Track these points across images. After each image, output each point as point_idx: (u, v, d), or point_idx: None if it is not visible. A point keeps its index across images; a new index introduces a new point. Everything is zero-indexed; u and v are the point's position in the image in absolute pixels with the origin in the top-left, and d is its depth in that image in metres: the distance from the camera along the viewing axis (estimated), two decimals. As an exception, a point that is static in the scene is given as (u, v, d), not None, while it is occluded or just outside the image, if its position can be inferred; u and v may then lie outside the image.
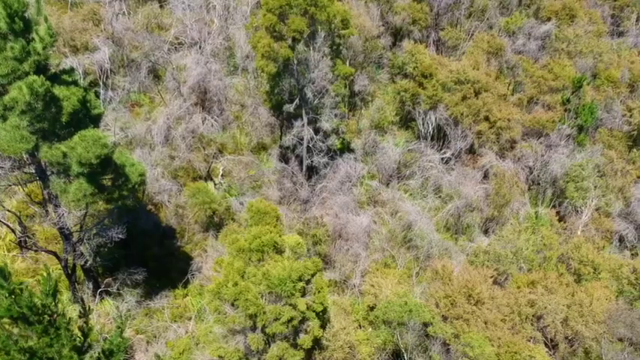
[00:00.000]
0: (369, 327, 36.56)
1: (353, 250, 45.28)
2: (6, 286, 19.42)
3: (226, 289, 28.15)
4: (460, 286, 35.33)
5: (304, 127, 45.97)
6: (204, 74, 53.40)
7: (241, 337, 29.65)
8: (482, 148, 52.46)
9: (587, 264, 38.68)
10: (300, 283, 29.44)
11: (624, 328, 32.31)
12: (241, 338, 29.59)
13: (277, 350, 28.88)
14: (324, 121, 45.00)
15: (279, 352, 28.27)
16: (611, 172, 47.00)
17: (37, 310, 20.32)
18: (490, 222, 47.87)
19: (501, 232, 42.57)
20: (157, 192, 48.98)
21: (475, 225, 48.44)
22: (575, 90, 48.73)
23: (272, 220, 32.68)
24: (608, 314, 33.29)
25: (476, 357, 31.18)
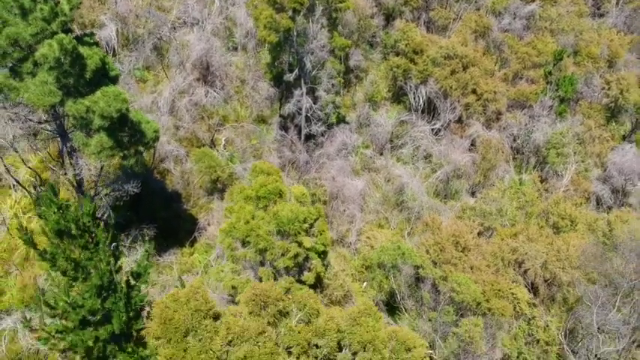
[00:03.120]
0: (365, 272, 39.66)
1: (349, 212, 48.45)
2: (56, 201, 22.38)
3: (238, 226, 31.13)
4: (448, 234, 38.55)
5: (303, 96, 48.95)
6: (206, 50, 56.17)
7: (251, 272, 32.67)
8: (470, 119, 55.70)
9: (565, 217, 42.03)
10: (304, 224, 32.50)
11: (594, 261, 35.66)
12: (251, 273, 32.60)
13: (285, 283, 31.88)
14: (321, 91, 47.93)
15: (286, 285, 31.30)
16: (590, 139, 50.37)
17: (80, 226, 23.30)
18: (477, 187, 51.09)
19: (487, 192, 45.79)
20: (163, 159, 51.90)
21: (463, 190, 51.70)
22: (555, 63, 52.03)
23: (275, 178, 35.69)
24: (580, 252, 36.65)
25: (462, 293, 34.38)
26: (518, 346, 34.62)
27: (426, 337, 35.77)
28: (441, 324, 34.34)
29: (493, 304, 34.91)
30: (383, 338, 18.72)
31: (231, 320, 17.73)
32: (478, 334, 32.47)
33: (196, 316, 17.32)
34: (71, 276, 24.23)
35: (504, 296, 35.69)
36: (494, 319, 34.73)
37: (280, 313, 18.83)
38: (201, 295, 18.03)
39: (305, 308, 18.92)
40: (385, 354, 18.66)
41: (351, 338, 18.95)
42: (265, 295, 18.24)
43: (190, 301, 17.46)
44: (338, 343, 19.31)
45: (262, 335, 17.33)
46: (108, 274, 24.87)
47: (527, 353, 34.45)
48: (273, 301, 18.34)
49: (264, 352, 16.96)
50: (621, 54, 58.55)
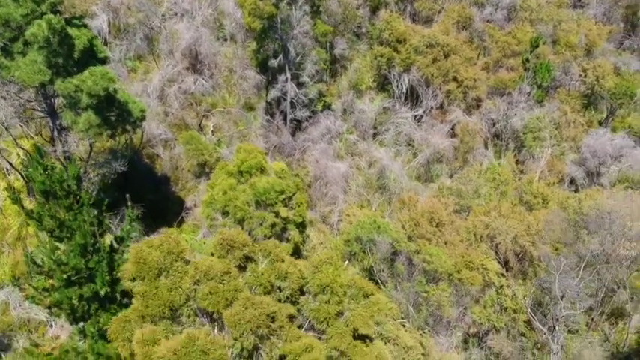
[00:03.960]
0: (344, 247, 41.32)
1: (332, 193, 50.16)
2: (42, 163, 24.02)
3: (218, 198, 32.77)
4: (423, 211, 40.24)
5: (288, 82, 50.65)
6: (195, 39, 57.84)
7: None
8: (451, 105, 57.44)
9: (538, 196, 43.76)
10: (281, 196, 34.12)
11: (558, 231, 37.40)
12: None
13: (262, 252, 33.48)
14: (305, 77, 49.62)
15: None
16: (565, 123, 52.12)
17: (64, 187, 24.94)
18: (457, 170, 52.82)
19: (463, 173, 47.53)
20: (153, 144, 53.61)
21: (443, 173, 53.44)
22: (532, 50, 53.77)
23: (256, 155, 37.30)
24: (545, 223, 38.40)
25: (433, 263, 36.07)
26: (487, 314, 36.29)
27: (400, 307, 37.52)
28: (413, 294, 35.99)
29: (463, 275, 36.59)
30: (341, 282, 20.35)
31: (199, 261, 19.37)
32: (445, 299, 34.15)
33: (168, 258, 18.91)
34: (57, 235, 25.87)
35: (475, 268, 37.36)
36: (464, 288, 36.41)
37: (247, 258, 20.43)
38: (174, 239, 19.64)
39: (270, 255, 20.54)
40: (343, 296, 20.28)
41: (312, 282, 20.59)
42: (232, 239, 19.85)
43: (163, 244, 19.07)
44: (300, 288, 20.93)
45: (227, 275, 18.93)
46: (91, 235, 26.50)
47: (496, 320, 36.12)
48: (239, 246, 19.95)
49: (227, 289, 18.55)
50: (599, 43, 60.30)
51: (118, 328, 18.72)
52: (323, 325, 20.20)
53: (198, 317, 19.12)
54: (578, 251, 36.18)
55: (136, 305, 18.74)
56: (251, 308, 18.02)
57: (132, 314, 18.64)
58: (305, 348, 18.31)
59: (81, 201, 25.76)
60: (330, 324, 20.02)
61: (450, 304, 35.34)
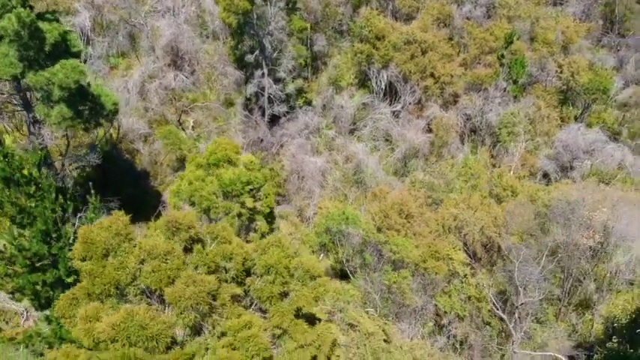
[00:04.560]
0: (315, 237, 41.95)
1: (308, 187, 50.86)
2: (1, 150, 24.65)
3: (184, 188, 33.44)
4: (393, 202, 40.90)
5: (265, 77, 51.32)
6: (176, 35, 58.53)
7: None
8: (429, 101, 58.12)
9: (507, 189, 44.46)
10: (248, 186, 34.79)
11: (521, 221, 38.12)
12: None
13: (228, 242, 34.13)
14: (282, 72, 50.28)
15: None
16: (539, 118, 52.83)
17: (25, 174, 25.57)
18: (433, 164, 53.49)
19: (436, 167, 48.23)
20: (132, 139, 54.27)
21: (418, 168, 54.09)
22: (507, 46, 54.48)
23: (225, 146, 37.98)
24: (507, 212, 39.14)
25: (399, 253, 36.74)
26: (451, 303, 36.95)
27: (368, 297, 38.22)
28: (379, 283, 36.65)
29: (429, 265, 37.26)
30: (286, 264, 21.00)
31: (143, 241, 20.02)
32: (407, 286, 34.82)
33: (116, 239, 19.55)
34: (18, 222, 26.49)
35: (441, 258, 38.03)
36: (430, 277, 37.09)
37: (196, 240, 21.09)
38: (122, 221, 20.26)
39: (217, 238, 21.19)
40: (287, 277, 20.92)
41: (258, 264, 21.23)
42: (177, 221, 20.50)
43: (112, 226, 19.70)
44: (248, 270, 21.55)
45: (170, 254, 19.58)
46: (53, 222, 27.15)
47: (460, 309, 36.79)
48: (185, 228, 20.61)
49: (170, 268, 19.19)
50: (575, 40, 61.01)
51: (65, 306, 19.34)
52: (266, 304, 20.84)
53: (145, 296, 19.75)
54: (540, 241, 36.86)
55: (83, 284, 19.38)
56: (192, 286, 18.65)
57: (78, 292, 19.28)
58: (244, 325, 18.96)
59: (42, 188, 26.37)
60: (272, 303, 20.66)
61: (413, 292, 35.98)
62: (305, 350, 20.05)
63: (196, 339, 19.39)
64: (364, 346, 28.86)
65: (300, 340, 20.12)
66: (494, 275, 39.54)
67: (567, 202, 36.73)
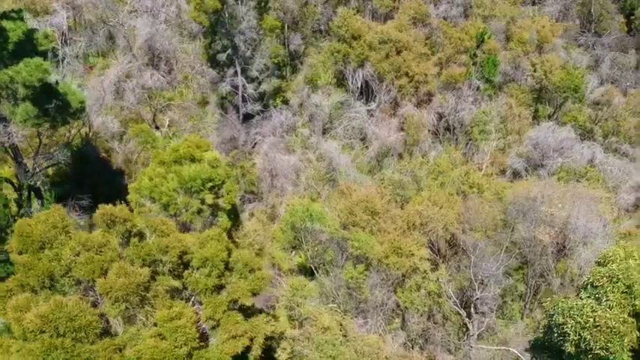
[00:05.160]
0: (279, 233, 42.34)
1: (280, 185, 51.26)
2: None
3: (143, 184, 33.75)
4: (358, 199, 41.30)
5: (238, 76, 51.73)
6: (152, 34, 58.91)
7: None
8: (404, 100, 58.50)
9: (473, 186, 44.88)
10: (209, 183, 35.10)
11: (475, 216, 38.58)
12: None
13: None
14: (254, 70, 50.68)
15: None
16: (511, 116, 53.26)
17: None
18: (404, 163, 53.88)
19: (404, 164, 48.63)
20: (107, 138, 54.69)
21: (392, 166, 54.49)
22: (478, 45, 54.92)
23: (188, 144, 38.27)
24: (464, 208, 39.56)
25: (360, 249, 37.15)
26: (411, 298, 37.33)
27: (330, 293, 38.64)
28: (338, 279, 37.05)
29: (390, 261, 37.67)
30: (223, 257, 21.38)
31: (79, 233, 20.39)
32: (362, 281, 35.25)
33: (52, 232, 19.92)
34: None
35: (403, 254, 38.41)
36: (391, 273, 37.50)
37: (130, 233, 21.47)
38: (59, 214, 20.62)
39: (156, 231, 21.56)
40: (223, 270, 21.30)
41: (195, 257, 21.60)
42: (112, 214, 20.87)
43: (49, 219, 20.07)
44: (187, 262, 21.92)
45: (105, 246, 19.97)
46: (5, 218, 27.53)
47: (419, 304, 37.16)
48: (120, 220, 20.98)
49: (104, 259, 19.58)
50: (550, 39, 61.44)
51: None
52: (201, 296, 21.22)
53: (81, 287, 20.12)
54: (499, 237, 37.27)
55: (17, 276, 19.75)
56: (123, 278, 19.03)
57: (12, 284, 19.65)
58: (174, 316, 19.33)
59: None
60: (207, 295, 21.05)
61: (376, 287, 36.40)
62: (237, 341, 20.44)
63: (129, 329, 19.76)
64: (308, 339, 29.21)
65: (231, 331, 20.53)
66: (454, 271, 39.92)
67: (526, 198, 37.12)
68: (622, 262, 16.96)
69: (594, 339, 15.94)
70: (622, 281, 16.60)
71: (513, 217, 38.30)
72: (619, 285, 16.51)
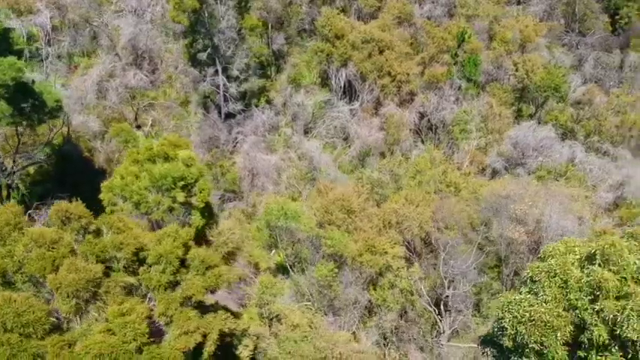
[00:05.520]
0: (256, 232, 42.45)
1: (261, 184, 51.41)
2: None
3: (115, 182, 33.93)
4: (334, 198, 41.41)
5: (219, 75, 51.88)
6: (135, 34, 59.06)
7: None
8: (386, 100, 58.67)
9: (451, 185, 45.02)
10: (181, 182, 35.28)
11: (447, 214, 38.73)
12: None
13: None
14: (235, 70, 50.83)
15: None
16: (491, 116, 53.42)
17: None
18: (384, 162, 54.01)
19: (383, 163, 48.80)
20: (90, 138, 54.82)
21: (374, 164, 54.64)
22: (459, 44, 55.09)
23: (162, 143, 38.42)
24: (436, 207, 39.72)
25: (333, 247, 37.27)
26: (384, 296, 37.44)
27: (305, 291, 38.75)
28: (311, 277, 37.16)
29: (364, 259, 37.80)
30: (177, 254, 21.51)
31: (31, 229, 20.53)
32: (332, 278, 35.40)
33: (6, 229, 20.05)
34: None
35: (377, 252, 38.53)
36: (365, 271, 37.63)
37: (86, 230, 21.60)
38: (13, 211, 20.74)
39: (112, 228, 21.69)
40: (177, 266, 21.44)
41: (150, 253, 21.74)
42: (66, 210, 20.98)
43: (2, 216, 20.19)
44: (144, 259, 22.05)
45: (57, 243, 20.09)
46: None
47: (392, 302, 37.26)
48: (75, 217, 21.11)
49: (57, 255, 19.70)
50: (533, 39, 61.64)
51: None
52: (154, 292, 21.36)
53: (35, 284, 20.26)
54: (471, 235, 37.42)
55: (-32, 273, 19.87)
56: (74, 274, 19.15)
57: (-37, 281, 19.79)
58: (126, 311, 19.45)
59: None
60: (160, 291, 21.18)
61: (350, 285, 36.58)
62: (189, 337, 20.57)
63: (81, 325, 19.90)
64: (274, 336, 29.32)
65: (183, 327, 20.66)
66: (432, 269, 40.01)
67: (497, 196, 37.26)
68: (560, 257, 17.08)
69: (529, 333, 16.08)
70: (559, 276, 16.74)
71: (486, 215, 38.42)
72: (556, 279, 16.66)
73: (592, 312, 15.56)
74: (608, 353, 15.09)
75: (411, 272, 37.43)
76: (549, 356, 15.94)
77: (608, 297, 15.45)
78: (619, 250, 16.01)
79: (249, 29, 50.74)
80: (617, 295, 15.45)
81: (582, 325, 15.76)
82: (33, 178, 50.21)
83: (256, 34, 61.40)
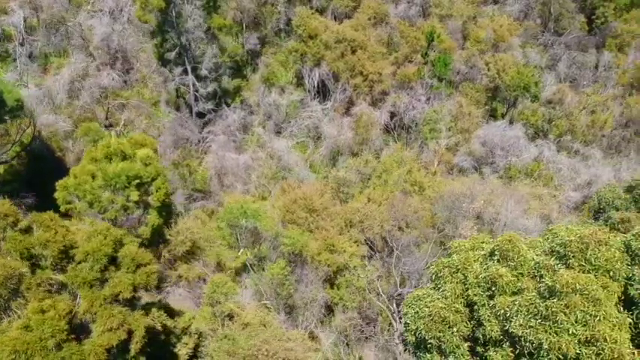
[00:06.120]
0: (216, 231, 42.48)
1: (230, 184, 51.47)
2: None
3: (69, 181, 33.98)
4: (296, 197, 41.49)
5: (188, 74, 51.93)
6: (108, 34, 59.08)
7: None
8: (359, 99, 58.75)
9: (415, 184, 45.09)
10: (135, 180, 35.34)
11: (400, 212, 38.88)
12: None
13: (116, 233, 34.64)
14: (204, 69, 50.90)
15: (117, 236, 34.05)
16: (461, 115, 53.49)
17: None
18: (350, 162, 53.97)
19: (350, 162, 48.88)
20: (62, 138, 54.86)
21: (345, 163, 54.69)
22: (429, 44, 55.17)
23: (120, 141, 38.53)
24: (389, 205, 39.80)
25: (289, 245, 37.37)
26: (340, 294, 37.54)
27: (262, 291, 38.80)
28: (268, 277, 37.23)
29: (322, 257, 37.90)
30: (106, 251, 21.59)
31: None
32: (284, 277, 35.47)
33: None
34: None
35: (335, 251, 38.64)
36: (323, 270, 37.71)
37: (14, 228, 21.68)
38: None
39: (42, 226, 21.77)
40: (104, 264, 21.53)
41: (78, 251, 21.83)
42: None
43: None
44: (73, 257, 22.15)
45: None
46: None
47: (348, 300, 37.36)
48: (1, 216, 21.19)
49: (-26, 253, 19.81)
50: (507, 38, 61.74)
51: None
52: (80, 289, 21.43)
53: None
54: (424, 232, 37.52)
55: None
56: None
57: None
58: (46, 308, 19.52)
59: None
60: (85, 289, 21.25)
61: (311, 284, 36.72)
62: (113, 334, 20.65)
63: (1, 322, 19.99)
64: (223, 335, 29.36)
65: (106, 324, 20.74)
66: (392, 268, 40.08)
67: (450, 195, 37.35)
68: (464, 253, 17.16)
69: (426, 329, 16.16)
70: (461, 272, 16.81)
71: (442, 214, 38.51)
72: (458, 275, 16.72)
73: (488, 308, 15.61)
74: (499, 349, 15.13)
75: (368, 271, 37.49)
76: (448, 351, 16.01)
77: (504, 293, 15.53)
78: (516, 246, 16.09)
79: (218, 29, 50.85)
80: (514, 290, 15.52)
81: (479, 321, 15.82)
82: (3, 177, 50.37)
83: (232, 34, 61.63)
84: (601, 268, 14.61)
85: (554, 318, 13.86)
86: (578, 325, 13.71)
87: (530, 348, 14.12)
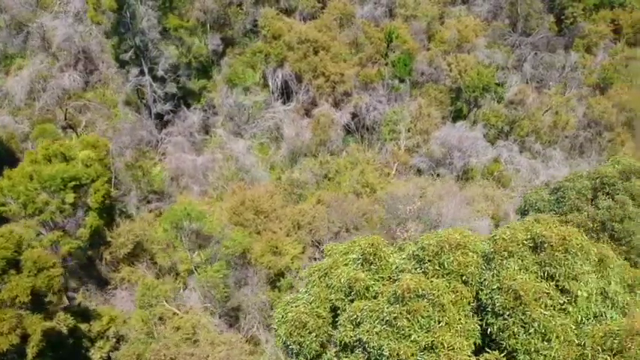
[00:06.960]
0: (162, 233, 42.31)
1: (187, 185, 51.26)
2: None
3: (3, 182, 33.78)
4: (244, 198, 41.31)
5: (145, 75, 51.73)
6: (70, 35, 58.85)
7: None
8: (321, 100, 58.54)
9: (367, 186, 44.93)
10: (72, 182, 35.14)
11: (336, 211, 38.84)
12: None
13: (52, 236, 34.57)
14: (160, 70, 50.71)
15: (53, 238, 33.97)
16: (420, 116, 53.33)
17: None
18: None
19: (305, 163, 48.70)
20: (21, 140, 54.64)
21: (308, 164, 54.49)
22: (388, 44, 54.99)
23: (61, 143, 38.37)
24: (328, 205, 39.74)
25: (230, 247, 37.21)
26: (282, 297, 37.34)
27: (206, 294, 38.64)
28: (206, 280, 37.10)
29: (264, 259, 37.73)
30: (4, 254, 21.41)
31: None
32: (220, 280, 35.35)
33: None
34: None
35: (279, 253, 38.47)
36: (265, 272, 37.56)
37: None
38: None
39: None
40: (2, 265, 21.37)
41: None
42: None
43: None
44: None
45: None
46: None
47: (289, 302, 37.13)
48: None
49: None
50: (471, 39, 61.55)
51: None
52: None
53: None
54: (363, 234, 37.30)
55: None
56: None
57: None
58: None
59: None
60: None
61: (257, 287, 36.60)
62: (4, 338, 20.46)
63: None
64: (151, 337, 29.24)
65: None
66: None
67: (391, 196, 37.21)
68: (335, 256, 17.00)
69: (287, 334, 16.01)
70: (328, 275, 16.66)
71: (386, 215, 38.38)
72: (326, 279, 16.58)
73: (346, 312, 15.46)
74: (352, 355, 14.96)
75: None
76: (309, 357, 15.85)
77: (363, 297, 15.37)
78: (379, 250, 15.92)
79: (174, 29, 50.58)
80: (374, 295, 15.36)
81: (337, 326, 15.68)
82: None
83: (197, 35, 61.35)
84: (454, 272, 14.46)
85: (397, 324, 13.71)
86: (421, 331, 13.57)
87: (375, 354, 13.95)
